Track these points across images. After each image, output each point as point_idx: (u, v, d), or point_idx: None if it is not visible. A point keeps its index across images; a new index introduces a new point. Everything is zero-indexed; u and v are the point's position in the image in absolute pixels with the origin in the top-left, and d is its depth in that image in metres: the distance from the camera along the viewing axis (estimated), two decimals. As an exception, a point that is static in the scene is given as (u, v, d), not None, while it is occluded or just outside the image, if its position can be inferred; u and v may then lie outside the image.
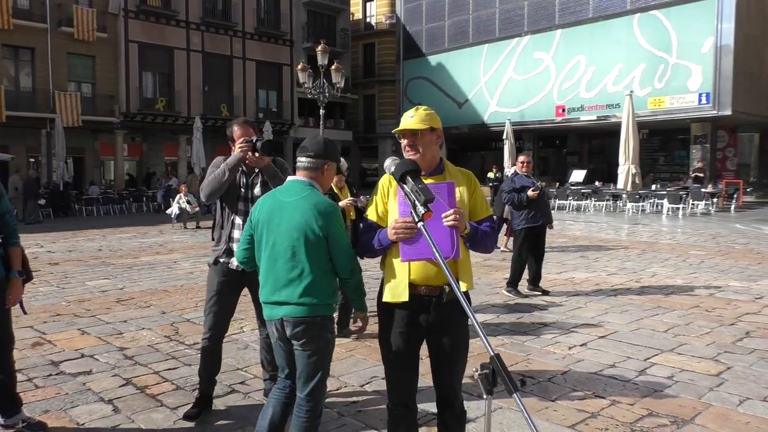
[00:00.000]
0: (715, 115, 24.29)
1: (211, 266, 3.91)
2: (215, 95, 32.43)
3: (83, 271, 9.70)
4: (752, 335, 5.76)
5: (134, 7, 29.46)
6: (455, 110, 33.62)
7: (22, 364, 4.92)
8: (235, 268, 3.79)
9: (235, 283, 3.87)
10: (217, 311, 3.88)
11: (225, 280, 3.84)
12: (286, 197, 2.88)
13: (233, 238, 3.79)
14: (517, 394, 1.90)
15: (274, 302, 2.86)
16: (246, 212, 3.72)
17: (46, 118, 25.77)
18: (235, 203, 3.84)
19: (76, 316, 6.59)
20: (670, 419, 3.84)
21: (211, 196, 3.75)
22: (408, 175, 2.49)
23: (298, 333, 2.82)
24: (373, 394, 4.31)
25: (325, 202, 2.85)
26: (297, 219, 2.80)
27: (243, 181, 3.84)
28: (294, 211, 2.81)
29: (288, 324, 2.83)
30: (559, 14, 29.20)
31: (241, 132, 3.80)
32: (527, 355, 5.19)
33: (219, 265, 3.86)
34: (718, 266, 9.82)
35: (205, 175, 3.91)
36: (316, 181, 2.92)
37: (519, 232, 7.70)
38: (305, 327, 2.81)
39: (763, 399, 4.17)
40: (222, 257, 3.85)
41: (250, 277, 3.68)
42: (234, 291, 3.91)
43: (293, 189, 2.89)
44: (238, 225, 3.81)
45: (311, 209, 2.79)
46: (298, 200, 2.83)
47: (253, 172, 3.85)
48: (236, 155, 3.72)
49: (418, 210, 2.37)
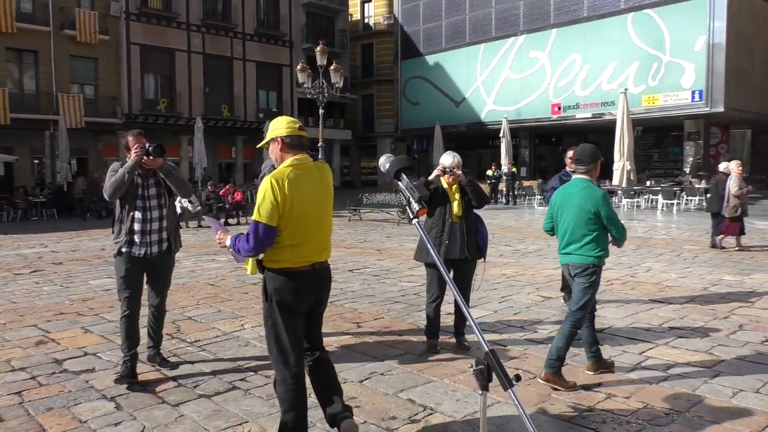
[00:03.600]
0: (707, 112, 24.47)
1: (117, 257, 4.56)
2: (216, 96, 32.51)
3: (87, 270, 9.76)
4: (745, 328, 5.82)
5: (135, 10, 29.55)
6: (453, 109, 33.69)
7: (26, 362, 4.98)
8: (137, 255, 4.49)
9: (139, 268, 4.56)
10: (130, 293, 4.56)
11: (131, 266, 4.52)
12: (572, 189, 4.43)
13: (133, 230, 4.49)
14: (511, 390, 1.94)
15: (565, 253, 4.45)
16: (143, 208, 4.51)
17: (50, 119, 25.87)
18: (133, 201, 4.50)
19: (79, 315, 6.65)
20: (665, 412, 3.90)
21: (114, 195, 4.42)
22: (403, 172, 2.55)
23: (578, 272, 4.34)
24: (373, 389, 4.37)
25: (597, 192, 4.33)
26: (578, 203, 4.32)
27: (139, 182, 4.54)
28: (578, 198, 4.35)
29: (571, 268, 4.40)
30: (554, 14, 29.29)
31: (134, 141, 4.49)
32: (524, 349, 5.25)
33: (123, 254, 4.51)
34: (711, 261, 9.89)
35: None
36: (590, 177, 4.42)
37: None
38: (581, 269, 4.33)
39: (756, 391, 4.23)
40: (124, 247, 4.50)
41: (150, 263, 4.55)
42: (139, 274, 4.60)
43: (577, 184, 4.43)
44: (137, 219, 4.49)
45: (587, 197, 4.30)
46: (580, 191, 4.36)
47: (148, 176, 4.57)
48: (133, 159, 4.43)
49: (413, 206, 2.43)
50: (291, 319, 3.21)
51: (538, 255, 10.88)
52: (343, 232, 15.38)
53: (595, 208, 4.25)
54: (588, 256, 4.31)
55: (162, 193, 4.61)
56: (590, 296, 4.34)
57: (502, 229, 15.60)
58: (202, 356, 5.14)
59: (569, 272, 4.48)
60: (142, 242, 4.50)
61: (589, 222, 4.29)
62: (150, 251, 4.53)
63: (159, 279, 4.73)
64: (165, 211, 4.62)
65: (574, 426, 3.72)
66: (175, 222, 4.81)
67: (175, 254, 4.81)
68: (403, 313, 6.66)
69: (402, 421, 3.81)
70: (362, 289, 8.02)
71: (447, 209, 5.18)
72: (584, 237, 4.31)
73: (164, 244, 4.61)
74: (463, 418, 3.85)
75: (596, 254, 4.31)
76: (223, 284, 8.38)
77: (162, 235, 4.59)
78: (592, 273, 4.32)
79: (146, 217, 4.51)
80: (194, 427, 3.74)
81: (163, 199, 4.61)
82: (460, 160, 5.24)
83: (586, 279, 4.32)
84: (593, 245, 4.30)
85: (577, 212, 4.33)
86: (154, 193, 4.57)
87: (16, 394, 4.29)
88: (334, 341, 5.56)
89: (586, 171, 4.42)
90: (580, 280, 4.35)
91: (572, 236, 4.37)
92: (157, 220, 4.56)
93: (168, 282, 4.85)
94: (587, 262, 4.31)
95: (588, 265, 4.31)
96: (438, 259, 2.34)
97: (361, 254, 11.31)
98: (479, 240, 5.31)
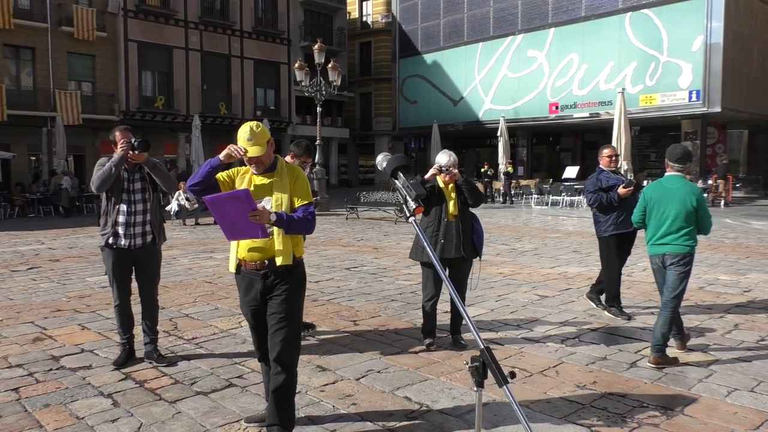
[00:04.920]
0: (705, 112, 24.51)
1: (104, 249, 4.77)
2: (214, 94, 32.48)
3: (84, 267, 9.76)
4: (740, 327, 5.85)
5: (133, 7, 29.50)
6: (450, 108, 33.67)
7: (23, 359, 4.99)
8: (122, 246, 4.69)
9: (124, 259, 4.76)
10: (120, 282, 4.80)
11: (116, 258, 4.74)
12: (672, 185, 4.83)
13: (118, 222, 4.67)
14: (506, 387, 1.95)
15: (661, 244, 4.80)
16: (129, 201, 4.67)
17: (47, 116, 25.84)
18: (119, 194, 4.68)
19: (76, 312, 6.65)
20: (660, 410, 3.92)
21: (101, 187, 4.60)
22: (400, 171, 2.57)
23: (675, 261, 4.73)
24: (369, 387, 4.39)
25: (696, 189, 4.79)
26: (680, 198, 4.72)
27: (125, 176, 4.71)
28: (678, 194, 4.75)
29: (668, 257, 4.76)
30: (552, 13, 29.30)
31: (121, 136, 4.66)
32: (520, 347, 5.27)
33: (108, 246, 4.72)
34: (707, 260, 9.92)
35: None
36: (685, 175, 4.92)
37: (606, 240, 6.37)
38: (679, 258, 4.72)
39: (751, 390, 4.26)
40: (110, 239, 4.70)
41: (135, 254, 4.74)
42: (125, 265, 4.80)
43: (674, 181, 4.85)
44: (123, 211, 4.67)
45: (689, 192, 4.73)
46: (680, 187, 4.79)
47: (134, 170, 4.74)
48: (119, 154, 4.60)
49: (410, 205, 2.44)
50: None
51: (534, 254, 10.90)
52: (341, 230, 15.39)
53: (696, 202, 4.73)
54: (685, 246, 4.75)
55: (147, 187, 4.79)
56: (686, 283, 4.79)
57: (499, 228, 15.63)
58: (199, 353, 5.15)
59: (663, 262, 4.83)
60: (126, 234, 4.69)
61: (689, 215, 4.73)
62: (134, 243, 4.72)
63: (145, 271, 4.89)
64: (149, 205, 4.79)
65: (569, 423, 3.74)
66: (160, 216, 4.96)
67: (159, 247, 4.94)
68: (399, 311, 6.67)
69: (398, 418, 3.82)
70: (359, 287, 8.03)
71: (443, 208, 5.19)
72: (682, 229, 4.74)
73: (148, 237, 4.79)
74: (459, 415, 3.87)
75: (692, 244, 4.78)
76: (220, 282, 8.39)
77: (146, 228, 4.77)
78: (688, 262, 4.77)
79: (131, 210, 4.71)
80: (191, 424, 3.75)
81: (147, 193, 4.79)
82: (456, 158, 5.25)
83: (683, 267, 4.74)
84: (689, 236, 4.76)
85: (679, 206, 4.74)
86: (139, 187, 4.76)
87: (13, 390, 4.29)
88: (331, 339, 5.58)
89: (682, 168, 4.92)
90: (677, 269, 4.75)
91: (670, 228, 4.77)
92: (141, 213, 4.75)
93: (156, 274, 5.00)
94: (684, 251, 4.75)
95: (685, 254, 4.75)
96: (434, 256, 2.35)
97: (358, 252, 11.32)
98: (475, 239, 5.32)
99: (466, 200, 5.23)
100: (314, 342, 5.48)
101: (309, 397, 4.16)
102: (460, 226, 5.19)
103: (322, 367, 4.77)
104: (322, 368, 4.75)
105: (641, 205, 5.05)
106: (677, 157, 4.92)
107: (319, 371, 4.69)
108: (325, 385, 4.38)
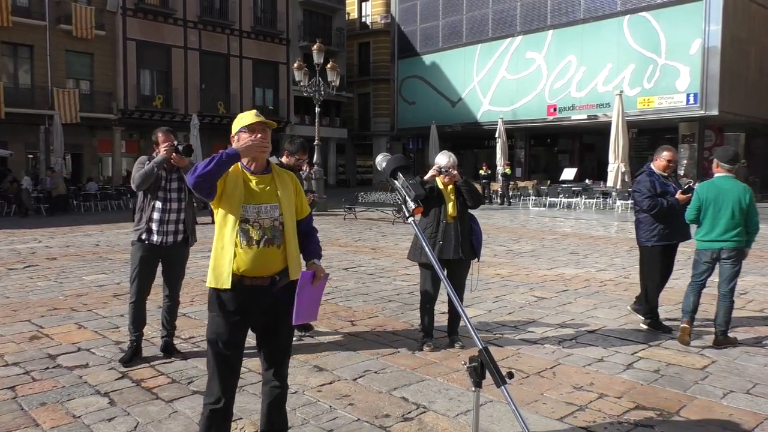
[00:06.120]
0: (702, 115, 24.63)
1: (135, 243, 4.82)
2: (212, 93, 32.49)
3: (81, 266, 9.73)
4: (736, 330, 5.85)
5: (132, 5, 29.51)
6: (449, 109, 33.73)
7: (20, 357, 4.98)
8: (154, 243, 4.74)
9: (153, 256, 4.82)
10: (142, 279, 4.83)
11: (146, 254, 4.79)
12: (726, 185, 5.24)
13: (153, 218, 4.75)
14: (504, 387, 1.96)
15: (720, 240, 5.21)
16: (165, 199, 4.77)
17: (45, 114, 25.82)
18: (156, 192, 4.76)
19: (73, 310, 6.64)
20: (656, 412, 3.92)
21: (141, 186, 4.69)
22: (399, 171, 2.57)
23: (732, 255, 5.22)
24: (366, 387, 4.39)
25: (746, 188, 5.25)
26: (735, 197, 5.18)
27: (163, 174, 4.79)
28: (732, 193, 5.19)
29: (724, 252, 5.22)
30: (551, 15, 29.37)
31: (164, 138, 4.81)
32: (517, 349, 5.28)
33: (140, 242, 4.77)
34: (707, 264, 9.90)
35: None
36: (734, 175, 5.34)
37: (649, 249, 5.93)
38: (736, 252, 5.23)
39: (746, 392, 4.27)
40: (143, 234, 4.75)
41: (164, 253, 4.81)
42: (153, 262, 4.87)
43: (727, 181, 5.27)
44: (158, 208, 4.75)
45: (742, 191, 5.21)
46: (733, 186, 5.23)
47: (172, 170, 4.81)
48: (162, 155, 4.70)
49: (409, 205, 2.44)
50: None
51: (532, 255, 10.91)
52: (338, 231, 15.39)
53: (748, 201, 5.22)
54: (740, 240, 5.23)
55: (183, 187, 4.86)
56: (738, 273, 5.33)
57: (497, 229, 15.64)
58: (197, 353, 5.14)
59: (718, 256, 5.28)
60: (159, 231, 4.77)
61: (742, 212, 5.19)
62: (165, 240, 4.79)
63: (173, 269, 4.97)
64: (184, 204, 4.87)
65: (566, 424, 3.75)
66: (193, 216, 5.06)
67: (189, 247, 5.04)
68: (397, 311, 6.67)
69: (395, 419, 3.82)
70: (357, 287, 8.03)
71: (442, 210, 5.19)
72: (738, 225, 5.20)
73: (180, 236, 4.87)
74: (456, 416, 3.87)
75: (744, 239, 5.26)
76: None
77: (179, 226, 4.86)
78: (741, 254, 5.29)
79: (166, 207, 4.79)
80: (188, 423, 3.75)
81: (183, 193, 4.87)
82: (456, 160, 5.25)
83: (738, 260, 5.27)
84: (741, 232, 5.23)
85: (735, 205, 5.17)
86: (176, 186, 4.84)
87: (10, 388, 4.28)
88: (329, 339, 5.57)
89: (731, 169, 5.32)
90: (732, 262, 5.25)
91: (728, 225, 5.19)
92: (175, 211, 4.83)
93: (182, 273, 5.09)
94: (740, 246, 5.25)
95: (740, 248, 5.26)
96: (433, 257, 2.35)
97: (355, 253, 11.32)
98: (473, 240, 5.33)
99: (465, 202, 5.23)
100: (312, 342, 5.48)
101: (306, 398, 4.16)
102: (459, 227, 5.19)
103: (319, 368, 4.77)
104: (319, 368, 4.75)
105: (695, 203, 5.37)
106: (729, 158, 5.32)
107: (317, 371, 4.68)
108: (322, 386, 4.38)
